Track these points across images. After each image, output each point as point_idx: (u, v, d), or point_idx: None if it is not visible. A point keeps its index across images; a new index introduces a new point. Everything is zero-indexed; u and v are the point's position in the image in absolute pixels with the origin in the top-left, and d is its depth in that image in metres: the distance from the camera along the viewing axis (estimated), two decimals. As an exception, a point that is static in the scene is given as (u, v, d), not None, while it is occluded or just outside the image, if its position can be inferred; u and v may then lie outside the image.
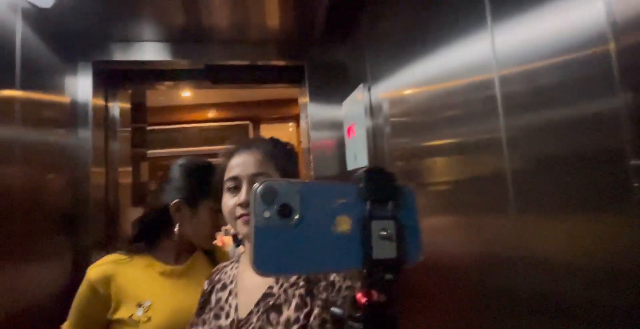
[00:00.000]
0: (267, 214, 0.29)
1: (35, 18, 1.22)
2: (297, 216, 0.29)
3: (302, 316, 0.61)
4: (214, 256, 1.06)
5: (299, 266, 0.30)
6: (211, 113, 4.66)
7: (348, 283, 0.62)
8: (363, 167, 1.20)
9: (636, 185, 0.30)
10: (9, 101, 1.08)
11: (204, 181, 0.91)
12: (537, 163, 0.52)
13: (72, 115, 1.44)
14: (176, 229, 0.94)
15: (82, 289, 0.90)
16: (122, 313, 0.87)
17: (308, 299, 0.63)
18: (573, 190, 0.46)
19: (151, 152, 3.51)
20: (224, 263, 0.84)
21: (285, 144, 0.81)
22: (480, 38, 0.64)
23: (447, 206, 0.80)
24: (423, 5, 0.87)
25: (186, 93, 4.35)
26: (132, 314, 0.86)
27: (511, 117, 0.57)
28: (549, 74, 0.50)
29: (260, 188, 0.29)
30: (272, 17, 1.42)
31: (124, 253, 0.95)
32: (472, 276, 0.70)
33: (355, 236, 0.31)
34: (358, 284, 0.32)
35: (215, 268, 0.84)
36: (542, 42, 0.51)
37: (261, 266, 0.28)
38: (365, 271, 0.30)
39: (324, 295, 0.63)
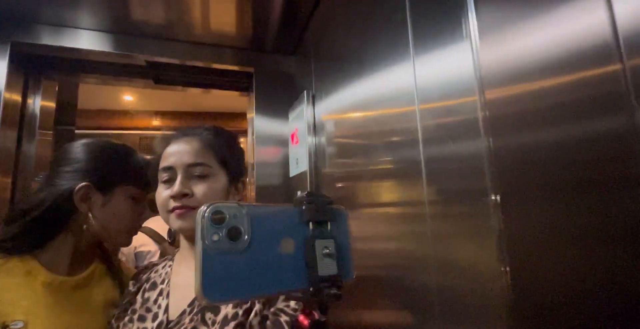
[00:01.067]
0: (215, 237, 0.29)
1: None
2: (246, 239, 0.29)
3: (240, 312, 0.57)
4: (119, 275, 0.83)
5: (249, 291, 0.29)
6: (156, 122, 4.39)
7: None
8: (304, 171, 1.21)
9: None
10: None
11: (120, 163, 0.77)
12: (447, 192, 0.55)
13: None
14: (88, 222, 0.73)
15: None
16: None
17: None
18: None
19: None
20: (155, 261, 0.78)
21: (229, 133, 0.76)
22: (404, 68, 0.68)
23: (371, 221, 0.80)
24: (356, 32, 0.91)
25: (128, 97, 4.06)
26: None
27: (428, 147, 0.60)
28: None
29: (208, 210, 0.29)
30: (224, 19, 1.38)
31: None
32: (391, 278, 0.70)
33: (299, 256, 0.32)
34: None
35: (144, 266, 0.78)
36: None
37: (209, 294, 0.27)
38: (311, 289, 0.31)
39: None
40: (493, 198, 0.44)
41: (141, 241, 2.46)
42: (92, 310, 0.72)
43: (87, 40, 1.38)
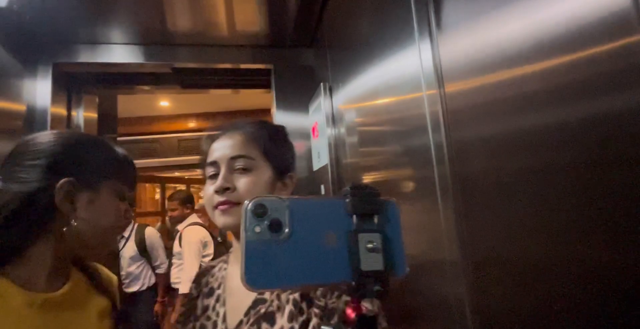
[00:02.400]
0: (257, 229, 0.30)
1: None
2: (287, 231, 0.30)
3: (297, 326, 0.55)
4: (95, 275, 0.71)
5: (289, 280, 0.30)
6: (192, 124, 4.56)
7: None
8: (325, 165, 1.21)
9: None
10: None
11: (103, 155, 0.65)
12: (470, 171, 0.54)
13: (29, 124, 1.31)
14: (72, 223, 0.59)
15: None
16: None
17: (304, 306, 0.57)
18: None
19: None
20: (212, 263, 0.74)
21: (275, 126, 0.72)
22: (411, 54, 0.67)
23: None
24: (367, 20, 0.90)
25: (164, 103, 4.24)
26: None
27: (437, 133, 0.60)
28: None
29: (250, 204, 0.30)
30: (242, 19, 1.40)
31: None
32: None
33: (343, 249, 0.31)
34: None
35: (203, 269, 0.75)
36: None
37: (252, 281, 0.28)
38: (354, 283, 0.30)
39: (322, 302, 0.56)
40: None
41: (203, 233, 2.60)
42: (85, 322, 0.63)
43: (117, 54, 1.47)
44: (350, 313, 0.31)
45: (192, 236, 2.51)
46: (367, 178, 0.94)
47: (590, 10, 0.35)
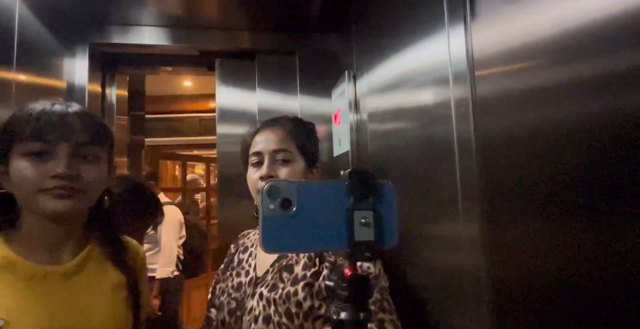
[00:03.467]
0: (271, 206, 0.37)
1: None
2: (294, 208, 0.37)
3: (309, 274, 0.69)
4: (118, 249, 0.71)
5: (296, 246, 0.40)
6: (213, 104, 4.65)
7: None
8: (346, 152, 1.26)
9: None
10: (6, 83, 1.07)
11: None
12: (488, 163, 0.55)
13: (69, 100, 1.41)
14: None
15: None
16: None
17: (317, 260, 0.71)
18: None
19: (149, 140, 3.50)
20: (249, 230, 0.90)
21: (308, 124, 0.86)
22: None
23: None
24: (397, 6, 0.89)
25: (187, 83, 4.33)
26: None
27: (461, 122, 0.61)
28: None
29: (266, 186, 0.37)
30: (268, 4, 1.42)
31: None
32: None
33: (342, 223, 0.38)
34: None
35: (241, 234, 0.91)
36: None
37: (267, 245, 0.37)
38: (349, 250, 0.38)
39: (332, 258, 0.70)
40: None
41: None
42: (89, 301, 0.63)
43: (147, 35, 1.53)
44: (347, 271, 0.39)
45: (171, 217, 2.28)
46: (388, 166, 0.97)
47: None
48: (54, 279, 0.61)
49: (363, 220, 0.38)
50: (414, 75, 0.82)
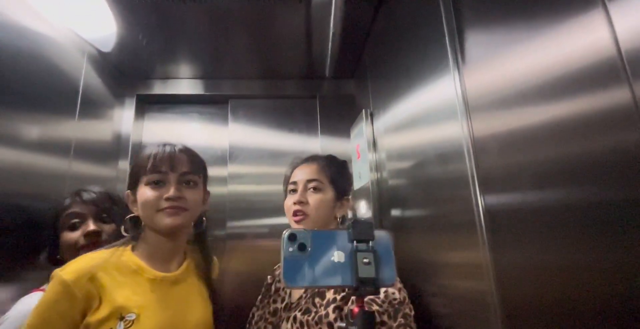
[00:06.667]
0: (290, 249, 0.47)
1: (96, 59, 1.47)
2: (309, 250, 0.48)
3: (339, 298, 0.75)
4: (205, 260, 0.89)
5: (311, 282, 0.47)
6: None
7: None
8: (367, 185, 1.30)
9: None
10: (68, 135, 1.25)
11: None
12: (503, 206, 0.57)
13: (115, 146, 1.61)
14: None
15: (50, 296, 0.68)
16: (99, 325, 0.68)
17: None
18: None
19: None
20: None
21: (340, 160, 0.99)
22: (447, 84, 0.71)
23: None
24: (405, 52, 0.98)
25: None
26: None
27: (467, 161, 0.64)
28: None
29: (286, 234, 0.48)
30: (289, 58, 1.60)
31: (112, 249, 0.77)
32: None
33: (348, 264, 0.48)
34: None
35: (277, 265, 1.01)
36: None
37: (287, 281, 0.46)
38: (354, 285, 0.47)
39: None
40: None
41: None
42: (190, 303, 0.80)
43: (183, 86, 1.75)
44: (355, 309, 0.48)
45: None
46: (407, 202, 1.00)
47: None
48: (166, 284, 0.79)
49: (365, 260, 0.47)
50: (426, 114, 0.86)
